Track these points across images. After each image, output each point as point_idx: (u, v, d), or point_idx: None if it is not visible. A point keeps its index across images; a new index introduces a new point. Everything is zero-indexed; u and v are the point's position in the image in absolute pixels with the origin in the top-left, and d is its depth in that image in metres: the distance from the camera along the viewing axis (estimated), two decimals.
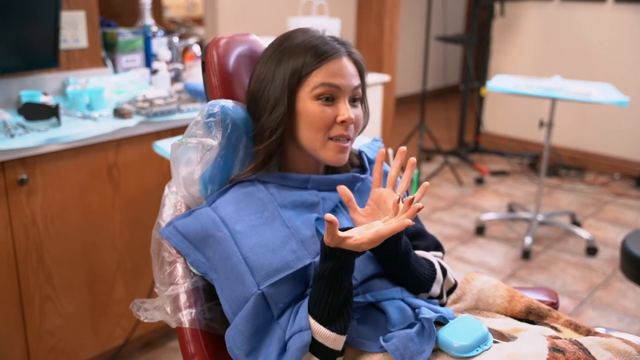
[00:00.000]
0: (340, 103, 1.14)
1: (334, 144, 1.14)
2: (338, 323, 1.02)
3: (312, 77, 1.13)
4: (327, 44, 1.15)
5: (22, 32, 2.06)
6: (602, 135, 4.45)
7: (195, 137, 1.20)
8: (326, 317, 1.01)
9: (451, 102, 6.03)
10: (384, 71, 3.51)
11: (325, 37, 1.17)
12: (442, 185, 4.23)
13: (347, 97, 1.14)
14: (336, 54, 1.14)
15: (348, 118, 1.12)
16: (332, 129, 1.14)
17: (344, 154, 1.16)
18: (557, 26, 4.52)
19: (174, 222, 1.18)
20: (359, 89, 1.17)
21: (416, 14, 6.18)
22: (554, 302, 1.32)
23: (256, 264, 1.06)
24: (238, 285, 1.06)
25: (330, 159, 1.16)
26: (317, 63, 1.12)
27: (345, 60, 1.15)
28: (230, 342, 1.06)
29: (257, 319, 1.04)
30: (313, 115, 1.13)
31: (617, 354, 0.98)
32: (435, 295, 1.19)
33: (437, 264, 1.22)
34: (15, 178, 1.82)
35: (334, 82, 1.12)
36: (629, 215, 3.74)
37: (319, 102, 1.13)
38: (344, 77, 1.13)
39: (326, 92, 1.13)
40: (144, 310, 1.19)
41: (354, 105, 1.17)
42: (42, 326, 1.98)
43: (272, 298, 1.05)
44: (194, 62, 2.65)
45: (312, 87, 1.13)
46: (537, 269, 3.06)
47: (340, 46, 1.16)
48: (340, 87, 1.13)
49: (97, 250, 2.08)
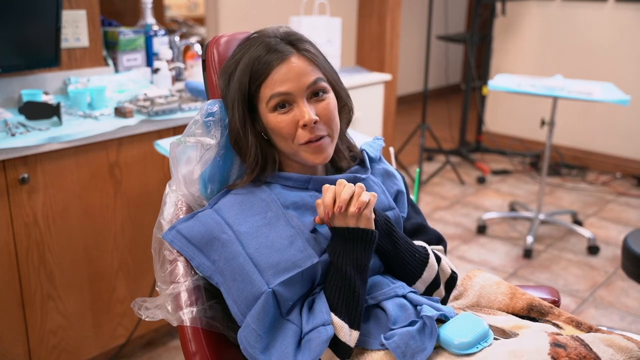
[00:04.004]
0: (298, 107, 1.12)
1: (306, 146, 1.14)
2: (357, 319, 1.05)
3: (262, 90, 1.13)
4: (270, 51, 1.13)
5: (24, 31, 2.06)
6: (604, 134, 4.44)
7: (194, 136, 1.20)
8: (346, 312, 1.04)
9: (453, 102, 6.03)
10: (386, 70, 3.51)
11: (271, 43, 1.14)
12: (444, 184, 4.22)
13: (303, 98, 1.13)
14: (278, 60, 1.12)
15: (307, 120, 1.11)
16: (298, 136, 1.13)
17: (323, 152, 1.14)
18: (559, 25, 4.52)
19: (177, 226, 1.18)
20: (318, 82, 1.14)
21: (418, 13, 6.18)
22: (555, 300, 1.32)
23: (264, 264, 1.06)
24: (246, 285, 1.06)
25: (309, 160, 1.15)
26: (261, 76, 1.12)
27: (292, 61, 1.13)
28: (244, 342, 1.06)
29: (267, 317, 1.04)
30: (274, 127, 1.13)
31: (618, 350, 0.98)
32: (430, 280, 1.19)
33: (430, 251, 1.22)
34: (17, 177, 1.82)
35: (282, 90, 1.11)
36: (631, 214, 3.74)
37: (275, 113, 1.13)
38: (292, 80, 1.11)
39: (279, 102, 1.12)
40: (145, 309, 1.19)
41: (318, 100, 1.14)
42: (44, 325, 1.98)
43: (282, 296, 1.05)
44: (195, 61, 2.65)
45: (265, 101, 1.13)
46: (539, 268, 3.05)
47: (287, 47, 1.14)
48: (290, 92, 1.12)
49: (98, 249, 2.08)
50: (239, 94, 1.14)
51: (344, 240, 1.08)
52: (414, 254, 1.18)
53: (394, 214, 1.23)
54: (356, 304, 1.05)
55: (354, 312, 1.05)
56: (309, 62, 1.14)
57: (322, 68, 1.17)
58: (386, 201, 1.24)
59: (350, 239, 1.07)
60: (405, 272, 1.17)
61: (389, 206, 1.23)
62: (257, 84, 1.13)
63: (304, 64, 1.14)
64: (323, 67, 1.17)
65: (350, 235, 1.07)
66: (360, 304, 1.06)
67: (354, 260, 1.07)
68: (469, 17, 6.88)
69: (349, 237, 1.07)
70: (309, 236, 1.11)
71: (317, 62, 1.16)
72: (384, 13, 3.48)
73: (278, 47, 1.13)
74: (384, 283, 1.14)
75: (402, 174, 1.36)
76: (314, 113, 1.12)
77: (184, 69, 2.67)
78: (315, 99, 1.14)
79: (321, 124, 1.14)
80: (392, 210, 1.23)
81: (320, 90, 1.15)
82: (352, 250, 1.07)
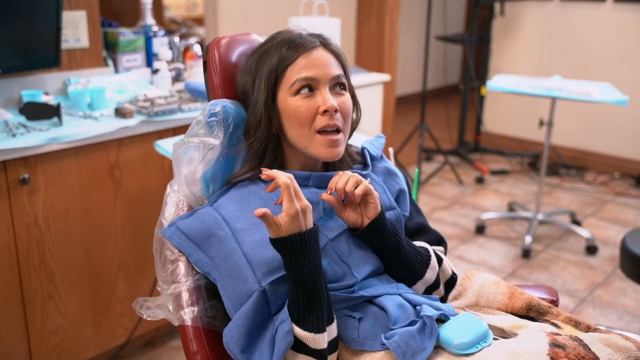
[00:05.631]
0: (320, 93, 1.14)
1: (322, 137, 1.14)
2: (309, 321, 1.00)
3: (288, 73, 1.15)
4: (301, 38, 1.16)
5: (24, 32, 2.07)
6: (602, 135, 4.45)
7: (197, 137, 1.21)
8: (296, 314, 1.01)
9: (451, 102, 6.04)
10: (385, 71, 3.51)
11: (300, 33, 1.18)
12: (443, 184, 4.23)
13: (327, 87, 1.15)
14: (308, 46, 1.15)
15: (330, 106, 1.12)
16: (316, 121, 1.14)
17: (336, 147, 1.15)
18: (557, 26, 4.53)
19: (176, 223, 1.18)
20: (341, 77, 1.17)
21: (416, 14, 6.19)
22: (553, 299, 1.33)
23: (257, 261, 1.07)
24: (240, 283, 1.07)
25: (322, 154, 1.15)
26: (290, 58, 1.14)
27: (320, 51, 1.16)
28: (227, 336, 1.06)
29: (255, 315, 1.04)
30: (294, 110, 1.14)
31: (616, 349, 0.98)
32: (431, 281, 1.20)
33: (432, 251, 1.22)
34: (17, 177, 1.83)
35: (309, 75, 1.13)
36: (629, 214, 3.75)
37: (297, 97, 1.14)
38: (319, 67, 1.14)
39: (303, 85, 1.14)
40: (147, 308, 1.20)
41: (339, 93, 1.17)
42: (44, 325, 1.98)
43: (272, 295, 1.05)
44: (194, 62, 2.66)
45: (289, 84, 1.14)
46: (537, 268, 3.06)
47: (315, 39, 1.17)
48: (316, 78, 1.14)
49: (99, 250, 2.09)
50: (266, 78, 1.16)
51: (288, 250, 1.00)
52: (417, 255, 1.18)
53: (395, 214, 1.23)
54: (300, 299, 1.00)
55: (299, 309, 1.00)
56: (335, 58, 1.18)
57: (345, 67, 1.20)
58: (387, 201, 1.24)
59: (291, 248, 1.00)
60: (407, 272, 1.17)
61: (390, 206, 1.24)
62: (283, 68, 1.15)
63: (330, 57, 1.17)
64: (345, 67, 1.21)
65: (289, 243, 1.00)
66: (306, 300, 1.00)
67: (302, 266, 1.01)
68: (467, 18, 6.89)
69: (290, 245, 1.00)
70: None
71: (340, 60, 1.20)
72: (382, 13, 3.48)
73: (306, 38, 1.17)
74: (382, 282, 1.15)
75: (403, 173, 1.36)
76: (335, 102, 1.14)
77: (183, 70, 2.67)
78: (335, 91, 1.17)
79: (339, 115, 1.16)
80: (394, 210, 1.23)
81: (342, 85, 1.18)
82: (298, 258, 1.01)
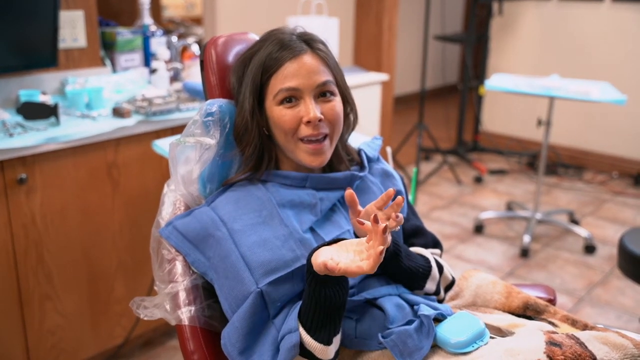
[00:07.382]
0: (304, 103, 1.13)
1: (306, 146, 1.14)
2: (321, 334, 1.00)
3: (272, 82, 1.14)
4: (288, 43, 1.14)
5: (21, 31, 2.06)
6: (601, 134, 4.46)
7: (194, 136, 1.21)
8: (310, 325, 1.00)
9: (450, 101, 6.04)
10: (383, 70, 3.52)
11: (289, 38, 1.16)
12: (441, 184, 4.23)
13: (311, 95, 1.13)
14: (294, 53, 1.13)
15: (312, 117, 1.11)
16: (300, 130, 1.14)
17: (319, 155, 1.15)
18: (556, 25, 4.53)
19: (173, 222, 1.18)
20: (328, 84, 1.15)
21: (415, 13, 6.19)
22: (551, 298, 1.33)
23: (254, 262, 1.06)
24: (237, 284, 1.07)
25: (306, 161, 1.15)
26: (274, 67, 1.13)
27: (305, 58, 1.14)
28: (225, 338, 1.06)
29: (254, 317, 1.04)
30: (278, 119, 1.14)
31: (613, 347, 0.99)
32: (431, 292, 1.20)
33: (433, 261, 1.22)
34: (15, 177, 1.82)
35: (291, 85, 1.12)
36: (627, 214, 3.75)
37: (281, 106, 1.14)
38: (304, 77, 1.13)
39: (286, 96, 1.13)
40: (144, 308, 1.20)
41: (325, 101, 1.15)
42: (42, 325, 1.98)
43: (270, 296, 1.05)
44: (192, 62, 2.65)
45: (273, 94, 1.14)
46: (535, 267, 3.06)
47: (302, 44, 1.15)
48: (299, 88, 1.13)
49: (96, 249, 2.09)
50: (251, 84, 1.16)
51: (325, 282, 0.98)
52: (418, 268, 1.17)
53: None
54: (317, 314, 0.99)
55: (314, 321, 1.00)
56: (322, 63, 1.16)
57: (334, 71, 1.18)
58: None
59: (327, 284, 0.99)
60: (406, 285, 1.17)
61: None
62: (267, 76, 1.14)
63: (316, 63, 1.15)
64: (334, 70, 1.18)
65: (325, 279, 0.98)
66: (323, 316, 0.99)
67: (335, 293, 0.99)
68: (466, 17, 6.89)
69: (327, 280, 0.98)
70: (303, 237, 1.11)
71: (329, 63, 1.17)
72: (381, 13, 3.49)
73: (292, 44, 1.15)
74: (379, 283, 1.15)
75: (400, 174, 1.36)
76: (319, 112, 1.13)
77: (181, 69, 2.67)
78: (322, 99, 1.15)
79: (325, 122, 1.14)
80: None
81: (329, 91, 1.16)
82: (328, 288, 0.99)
